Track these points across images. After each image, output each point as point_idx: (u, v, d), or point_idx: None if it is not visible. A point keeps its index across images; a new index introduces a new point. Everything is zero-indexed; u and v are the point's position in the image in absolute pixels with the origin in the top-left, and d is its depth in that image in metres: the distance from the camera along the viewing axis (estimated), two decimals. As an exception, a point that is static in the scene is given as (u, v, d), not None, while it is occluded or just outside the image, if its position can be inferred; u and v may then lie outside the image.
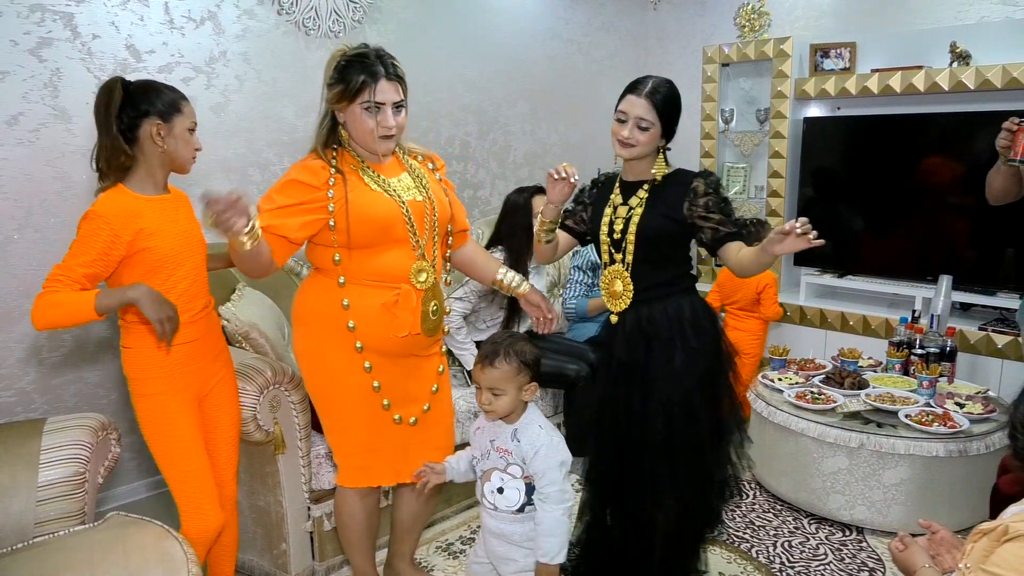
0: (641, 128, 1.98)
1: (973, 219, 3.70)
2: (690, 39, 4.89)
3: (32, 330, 2.62)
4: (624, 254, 2.06)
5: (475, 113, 4.10)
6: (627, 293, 2.07)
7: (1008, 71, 3.43)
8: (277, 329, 2.72)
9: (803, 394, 2.94)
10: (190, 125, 1.91)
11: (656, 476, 2.06)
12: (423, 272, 1.98)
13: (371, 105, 1.86)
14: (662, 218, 2.02)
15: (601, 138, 4.95)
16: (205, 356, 2.00)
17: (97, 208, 1.80)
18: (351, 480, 2.09)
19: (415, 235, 1.95)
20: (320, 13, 3.33)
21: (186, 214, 1.98)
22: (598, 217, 2.14)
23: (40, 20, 2.56)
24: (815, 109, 4.26)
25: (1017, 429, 1.34)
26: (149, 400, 1.92)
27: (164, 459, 1.95)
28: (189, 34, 2.93)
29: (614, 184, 2.15)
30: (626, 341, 2.08)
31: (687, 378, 2.02)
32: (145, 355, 1.89)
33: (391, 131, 1.91)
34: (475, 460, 1.99)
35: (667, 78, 2.06)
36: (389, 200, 1.93)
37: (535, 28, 4.39)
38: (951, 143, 3.77)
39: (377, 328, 1.95)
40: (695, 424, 2.03)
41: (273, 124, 3.23)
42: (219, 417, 2.08)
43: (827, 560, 2.61)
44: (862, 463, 2.70)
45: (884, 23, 4.11)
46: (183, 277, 1.91)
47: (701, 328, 2.05)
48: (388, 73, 1.88)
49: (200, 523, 1.96)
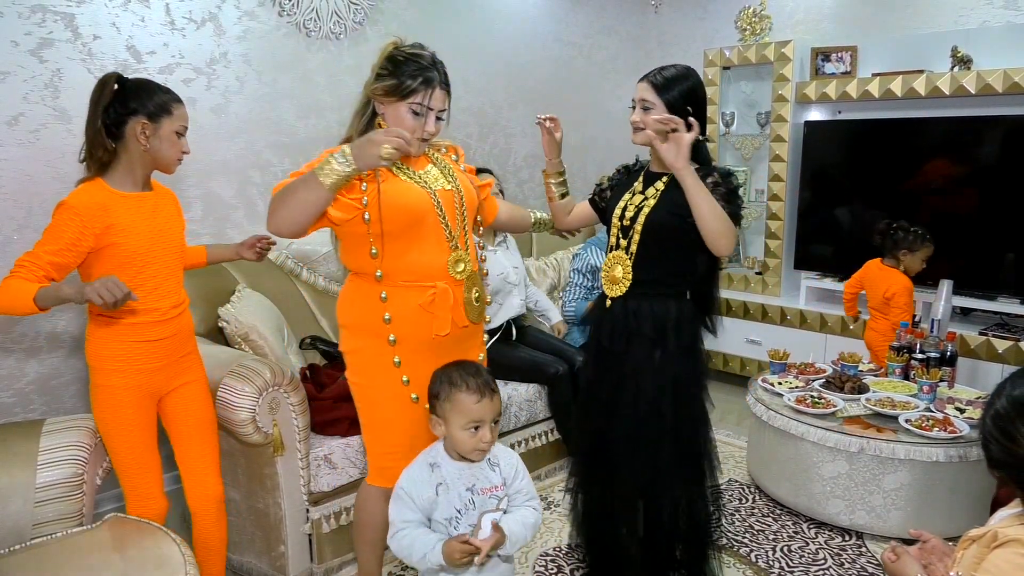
0: (645, 110, 2.01)
1: (973, 223, 3.70)
2: (691, 42, 4.89)
3: (31, 331, 2.62)
4: (630, 242, 2.07)
5: (476, 115, 4.10)
6: (625, 280, 2.09)
7: (1009, 75, 3.43)
8: (276, 331, 2.72)
9: (803, 398, 2.93)
10: (179, 128, 1.94)
11: (622, 469, 2.10)
12: (460, 262, 1.97)
13: (421, 109, 1.88)
14: (670, 213, 2.02)
15: (602, 140, 4.98)
16: (169, 356, 2.02)
17: (70, 199, 1.83)
18: (378, 479, 2.07)
19: (447, 226, 1.95)
20: (321, 15, 3.33)
21: (166, 213, 2.01)
22: (615, 200, 2.17)
23: (41, 21, 2.56)
24: (816, 113, 4.27)
25: (988, 438, 1.29)
26: (104, 391, 1.95)
27: (112, 448, 2.00)
28: (190, 35, 2.93)
29: (640, 173, 2.18)
30: (611, 330, 2.11)
31: (659, 377, 2.05)
32: (105, 346, 1.93)
33: (430, 136, 1.93)
34: (451, 523, 1.68)
35: (685, 66, 2.06)
36: (420, 190, 1.93)
37: (536, 31, 4.40)
38: (952, 147, 3.77)
39: (416, 328, 1.94)
40: (659, 422, 2.05)
41: (274, 125, 3.23)
42: (186, 417, 2.10)
43: (826, 565, 2.60)
44: (862, 468, 2.69)
45: (885, 27, 4.12)
46: (152, 275, 1.94)
47: (682, 332, 2.07)
48: (443, 81, 1.91)
49: (141, 510, 2.02)
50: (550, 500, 3.06)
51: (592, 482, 2.24)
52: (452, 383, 1.71)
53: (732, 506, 3.02)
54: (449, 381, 1.72)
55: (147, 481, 2.04)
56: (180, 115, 1.94)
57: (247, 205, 3.19)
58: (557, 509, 2.98)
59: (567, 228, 2.39)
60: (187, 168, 2.11)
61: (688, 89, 2.03)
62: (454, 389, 1.70)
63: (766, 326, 4.27)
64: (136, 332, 1.93)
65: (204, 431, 2.15)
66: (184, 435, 2.11)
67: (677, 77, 2.02)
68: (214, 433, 2.19)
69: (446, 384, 1.72)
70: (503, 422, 3.02)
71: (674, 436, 2.08)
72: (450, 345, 2.00)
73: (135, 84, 1.92)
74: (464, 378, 1.70)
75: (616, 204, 2.15)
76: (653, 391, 2.04)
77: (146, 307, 1.93)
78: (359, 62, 3.47)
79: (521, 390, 3.13)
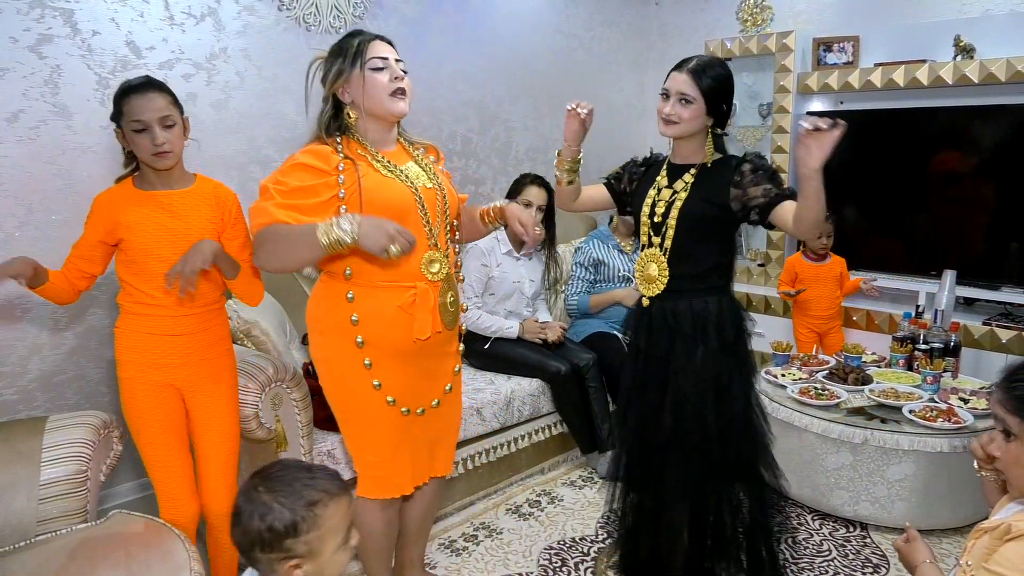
0: (683, 103, 1.94)
1: (977, 214, 3.69)
2: (692, 34, 4.87)
3: (34, 328, 2.62)
4: (663, 238, 2.02)
5: (476, 109, 4.09)
6: (662, 278, 2.03)
7: (1012, 64, 3.41)
8: (279, 326, 2.72)
9: (807, 390, 2.93)
10: (133, 126, 1.89)
11: (665, 473, 2.03)
12: (436, 263, 1.91)
13: (378, 62, 1.85)
14: (705, 203, 1.98)
15: (603, 132, 4.95)
16: (189, 355, 2.01)
17: (96, 197, 1.99)
18: (370, 490, 2.01)
19: (428, 224, 1.90)
20: (320, 9, 3.32)
21: (188, 212, 1.98)
22: (641, 197, 2.11)
23: (40, 17, 2.55)
24: (818, 103, 4.24)
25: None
26: (124, 383, 2.01)
27: (138, 443, 2.03)
28: (189, 30, 2.92)
29: (662, 166, 2.12)
30: (650, 332, 2.06)
31: (701, 376, 1.98)
32: (127, 338, 2.00)
33: (402, 83, 1.88)
34: None
35: (719, 58, 2.03)
36: (402, 186, 1.88)
37: (536, 23, 4.37)
38: (955, 137, 3.75)
39: (391, 331, 1.88)
40: (703, 424, 1.99)
41: (274, 120, 3.22)
42: (209, 420, 2.08)
43: (831, 556, 2.60)
44: (866, 459, 2.69)
45: (887, 16, 4.09)
46: (161, 272, 1.92)
47: (723, 329, 2.01)
48: (379, 35, 1.91)
49: (171, 512, 2.02)
50: (554, 495, 3.06)
51: (636, 487, 2.18)
52: (311, 504, 1.24)
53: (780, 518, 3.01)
54: (305, 504, 1.24)
55: (173, 481, 2.03)
56: (128, 111, 1.88)
57: (248, 200, 3.09)
58: (561, 503, 2.98)
59: (572, 211, 2.34)
60: (187, 163, 2.09)
61: (725, 84, 1.98)
62: (317, 509, 1.24)
63: (769, 318, 4.26)
64: (149, 324, 1.98)
65: (226, 443, 2.12)
66: (206, 443, 2.09)
67: (716, 74, 1.96)
68: (236, 448, 2.16)
69: (303, 510, 1.23)
70: (507, 415, 3.02)
71: (721, 437, 2.00)
72: (423, 350, 1.93)
73: (115, 93, 1.95)
74: (313, 488, 1.26)
75: (642, 201, 2.09)
76: (695, 392, 1.98)
77: (154, 301, 1.96)
78: (359, 56, 3.45)
79: (524, 384, 3.13)
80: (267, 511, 1.21)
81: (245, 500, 1.25)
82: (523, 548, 2.68)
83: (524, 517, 2.90)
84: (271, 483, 1.24)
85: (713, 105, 1.96)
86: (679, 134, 1.99)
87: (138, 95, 1.89)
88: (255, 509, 1.22)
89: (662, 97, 2.00)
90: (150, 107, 1.89)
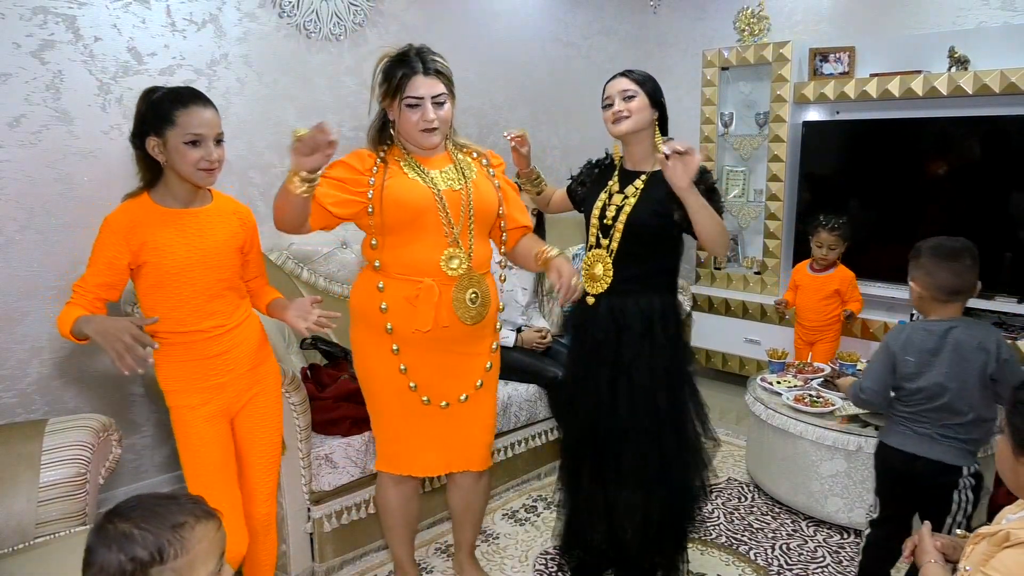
0: (627, 99, 2.06)
1: (971, 223, 3.71)
2: (690, 43, 4.90)
3: (33, 331, 2.63)
4: (610, 240, 2.11)
5: (475, 116, 4.11)
6: (606, 277, 2.12)
7: (1006, 76, 3.44)
8: (276, 331, 2.73)
9: (801, 397, 2.94)
10: (186, 137, 1.75)
11: (617, 462, 2.12)
12: (455, 259, 2.00)
13: (413, 101, 1.94)
14: (652, 213, 2.06)
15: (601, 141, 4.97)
16: (233, 370, 1.93)
17: (108, 217, 1.81)
18: (383, 464, 2.18)
19: (449, 222, 1.99)
20: (321, 16, 3.34)
21: (216, 231, 1.89)
22: (592, 199, 2.19)
23: (43, 23, 2.57)
24: (814, 113, 4.28)
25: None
26: (173, 413, 1.91)
27: (187, 475, 1.92)
28: (191, 37, 2.94)
29: (614, 171, 2.20)
30: (597, 328, 2.13)
31: (652, 368, 2.07)
32: (167, 367, 1.88)
33: (432, 124, 1.97)
34: None
35: None
36: (423, 187, 1.99)
37: (535, 32, 4.41)
38: (949, 148, 3.79)
39: (404, 320, 2.01)
40: (655, 413, 2.08)
41: (274, 127, 3.24)
42: (254, 434, 2.02)
43: (825, 563, 2.61)
44: (860, 466, 2.70)
45: (883, 28, 4.13)
46: (192, 295, 1.84)
47: (667, 324, 2.10)
48: (426, 69, 1.95)
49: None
50: (550, 500, 3.07)
51: (583, 478, 2.25)
52: (177, 527, 1.11)
53: (731, 504, 3.03)
54: (171, 527, 1.11)
55: (226, 515, 1.89)
56: (186, 123, 1.75)
57: (248, 206, 3.19)
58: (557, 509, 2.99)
59: (552, 214, 2.55)
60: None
61: (657, 86, 2.12)
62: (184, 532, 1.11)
63: (765, 325, 4.28)
64: (186, 352, 1.87)
65: (270, 449, 2.07)
66: (250, 454, 2.03)
67: (645, 73, 2.12)
68: (278, 456, 2.12)
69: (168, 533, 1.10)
70: (503, 421, 3.03)
71: (674, 427, 2.11)
72: (449, 342, 2.05)
73: (156, 97, 1.79)
74: (178, 511, 1.14)
75: (593, 203, 2.17)
76: (648, 382, 2.07)
77: (186, 328, 1.85)
78: (359, 63, 3.48)
79: (521, 390, 3.14)
80: (126, 540, 1.09)
81: (98, 538, 1.11)
82: (519, 553, 2.69)
83: (520, 522, 2.91)
84: (127, 513, 1.12)
85: (653, 97, 2.09)
86: (632, 128, 2.07)
87: (198, 107, 1.78)
88: (112, 542, 1.09)
89: (605, 109, 2.12)
90: (211, 121, 1.80)
